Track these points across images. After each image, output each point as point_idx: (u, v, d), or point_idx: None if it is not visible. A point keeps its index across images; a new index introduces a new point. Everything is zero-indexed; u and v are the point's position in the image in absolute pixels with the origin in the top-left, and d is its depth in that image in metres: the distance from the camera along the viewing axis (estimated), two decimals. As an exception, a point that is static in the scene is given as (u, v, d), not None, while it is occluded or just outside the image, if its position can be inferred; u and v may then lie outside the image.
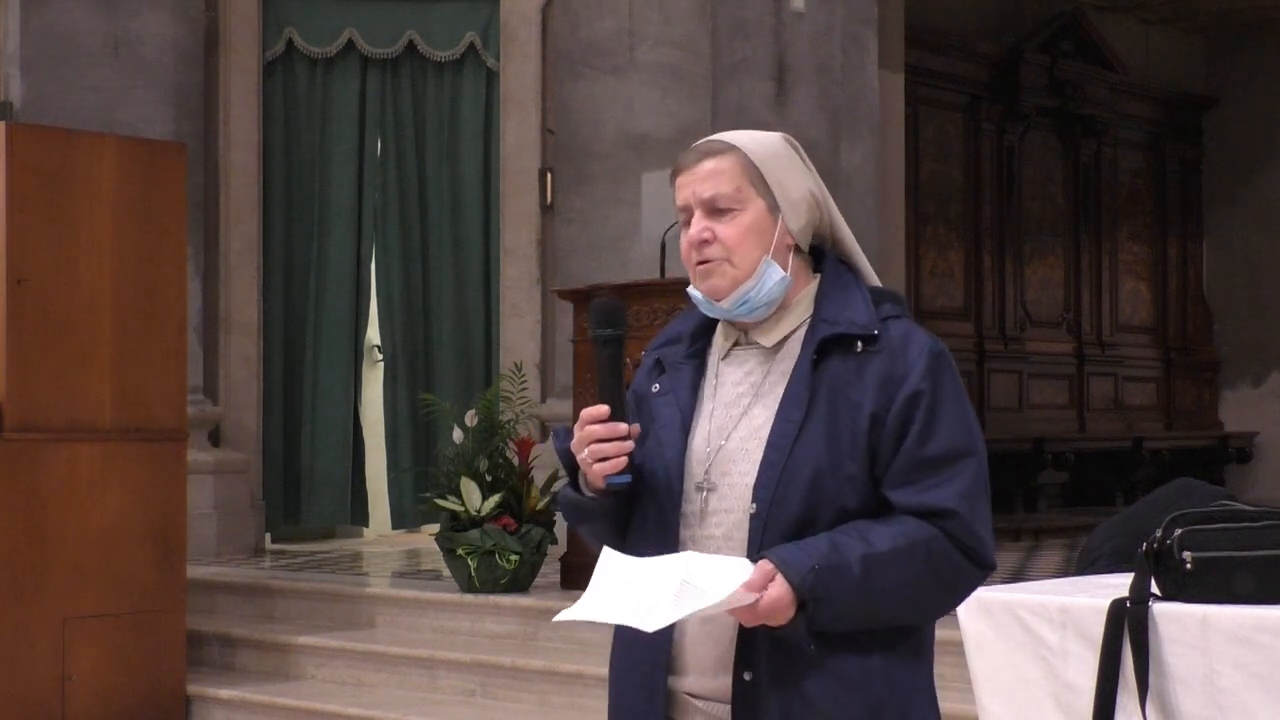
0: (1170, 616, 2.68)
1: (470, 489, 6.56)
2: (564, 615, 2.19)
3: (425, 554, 8.32)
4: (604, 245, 7.80)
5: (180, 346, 6.41)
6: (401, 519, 8.86)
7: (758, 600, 2.12)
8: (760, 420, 2.27)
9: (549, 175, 8.55)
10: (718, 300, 2.29)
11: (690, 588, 2.12)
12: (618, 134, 7.82)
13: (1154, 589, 2.72)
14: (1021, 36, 12.25)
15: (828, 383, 2.24)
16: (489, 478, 6.63)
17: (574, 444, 2.29)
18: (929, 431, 2.21)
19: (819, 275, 2.34)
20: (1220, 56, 14.00)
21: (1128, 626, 2.69)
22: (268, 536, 8.92)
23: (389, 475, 8.89)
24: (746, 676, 2.21)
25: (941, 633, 5.45)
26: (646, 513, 2.30)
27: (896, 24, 9.55)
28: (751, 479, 2.24)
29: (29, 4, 8.16)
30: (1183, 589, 2.68)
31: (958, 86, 11.79)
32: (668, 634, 2.24)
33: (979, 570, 2.25)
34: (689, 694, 2.29)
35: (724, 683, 2.24)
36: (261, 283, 8.79)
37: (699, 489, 2.28)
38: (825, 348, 2.25)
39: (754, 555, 2.19)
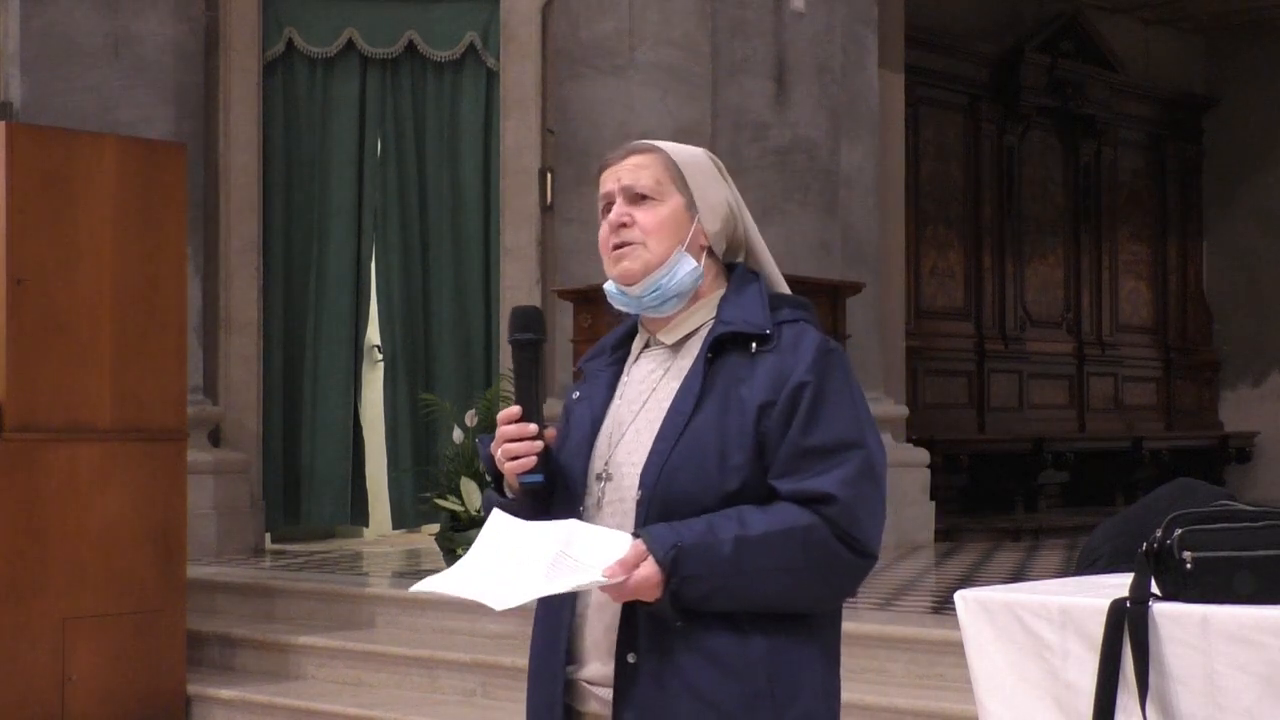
0: (1170, 616, 2.68)
1: (470, 489, 6.56)
2: (419, 586, 2.29)
3: (425, 554, 8.32)
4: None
5: (180, 346, 6.41)
6: (401, 519, 8.86)
7: (626, 579, 2.20)
8: (654, 414, 2.38)
9: (549, 175, 8.55)
10: (629, 285, 2.40)
11: (566, 560, 2.20)
12: (618, 134, 7.81)
13: (1154, 589, 2.71)
14: (1021, 36, 12.26)
15: (721, 378, 2.34)
16: (489, 478, 6.63)
17: (492, 445, 2.41)
18: (813, 422, 2.28)
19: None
20: (1220, 56, 14.00)
21: (1128, 626, 2.69)
22: (268, 536, 8.92)
23: (389, 475, 8.89)
24: (630, 659, 2.29)
25: (941, 633, 5.43)
26: (558, 506, 2.40)
27: (896, 24, 9.55)
28: (640, 468, 2.33)
29: (29, 4, 8.17)
30: (1183, 589, 2.68)
31: (958, 86, 11.80)
32: (567, 624, 2.35)
33: (858, 559, 2.29)
34: (586, 681, 2.36)
35: (612, 668, 2.31)
36: (261, 283, 8.79)
37: (598, 479, 2.40)
38: (721, 346, 2.36)
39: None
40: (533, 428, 2.35)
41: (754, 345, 2.34)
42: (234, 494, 8.57)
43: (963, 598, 2.98)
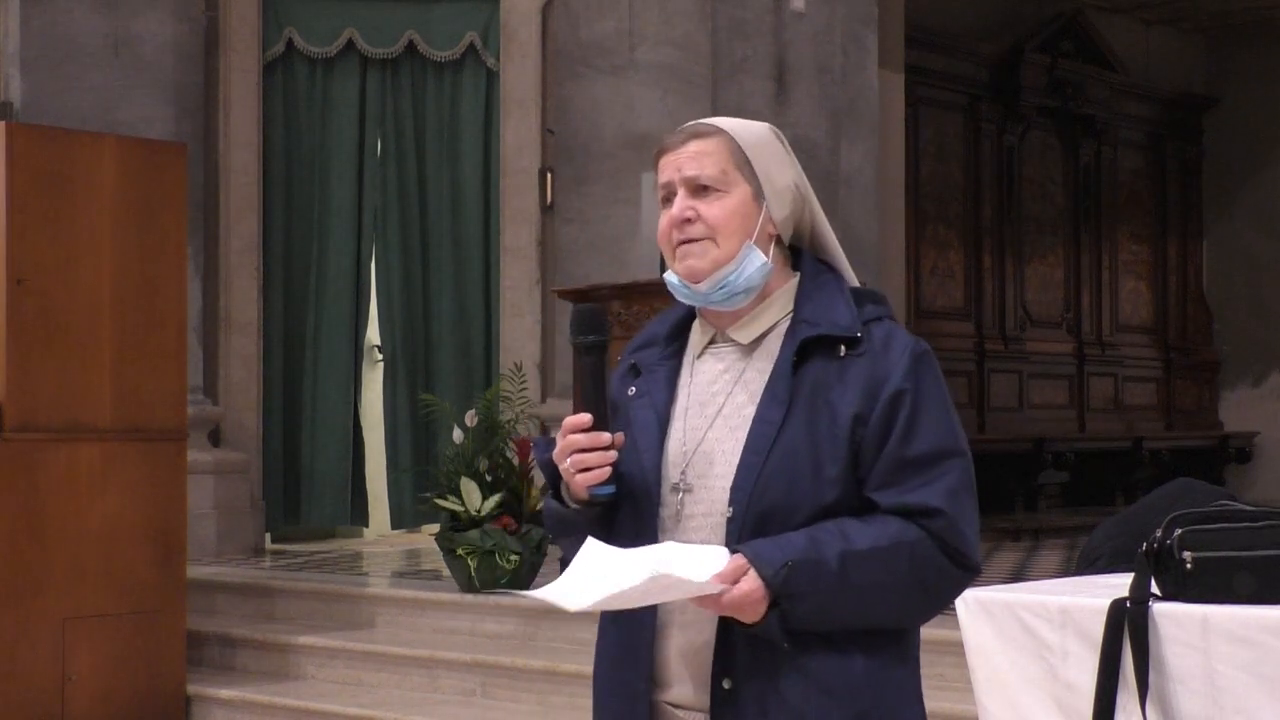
0: (1170, 616, 2.68)
1: (470, 489, 6.56)
2: (535, 592, 2.14)
3: (425, 554, 8.31)
4: (604, 245, 7.80)
5: (180, 346, 6.41)
6: (401, 519, 8.86)
7: (724, 591, 2.08)
8: (736, 420, 2.22)
9: (549, 175, 8.55)
10: (695, 283, 2.24)
11: (664, 576, 2.08)
12: (618, 134, 7.82)
13: (1154, 589, 2.72)
14: (1021, 36, 12.26)
15: (809, 384, 2.19)
16: (489, 478, 6.63)
17: (556, 454, 2.23)
18: (912, 432, 2.16)
19: (798, 273, 2.30)
20: (1220, 56, 14.00)
21: (1128, 626, 2.69)
22: (268, 536, 8.92)
23: (389, 475, 8.88)
24: (726, 684, 2.17)
25: (942, 633, 5.43)
26: (624, 518, 2.24)
27: (896, 24, 9.55)
28: (728, 481, 2.19)
29: (29, 4, 8.16)
30: (1183, 589, 2.68)
31: (958, 86, 11.79)
32: (649, 644, 2.21)
33: (963, 573, 2.19)
34: (671, 704, 2.24)
35: (705, 693, 2.19)
36: (261, 283, 8.79)
37: (675, 491, 2.24)
38: (806, 349, 2.21)
39: None
40: (606, 437, 2.19)
41: (842, 349, 2.19)
42: (234, 494, 8.56)
43: (963, 598, 2.99)
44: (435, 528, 6.96)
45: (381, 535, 9.37)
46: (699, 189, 2.24)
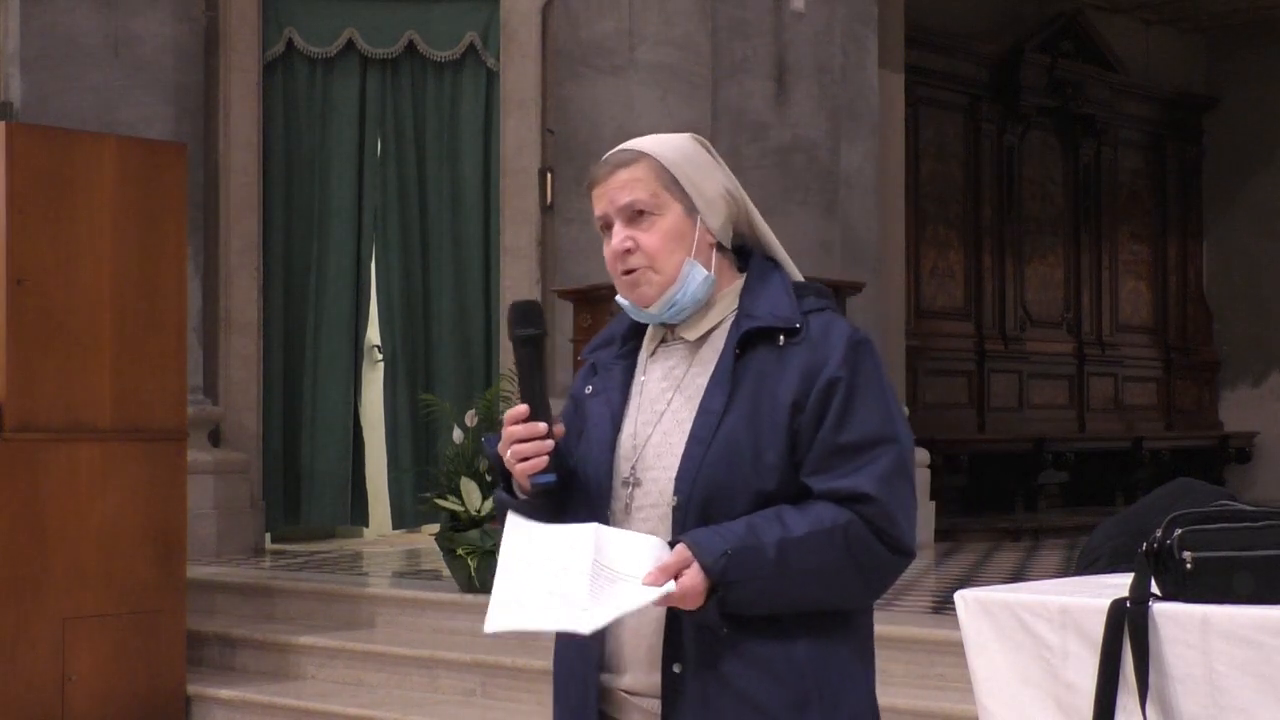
0: (1170, 616, 2.67)
1: (470, 489, 6.56)
2: (491, 626, 2.20)
3: (425, 554, 8.32)
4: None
5: (180, 346, 6.41)
6: (401, 519, 8.86)
7: (673, 587, 2.15)
8: (683, 414, 2.30)
9: (549, 175, 8.55)
10: (646, 307, 2.34)
11: (603, 571, 2.14)
12: (618, 134, 7.78)
13: (1154, 589, 2.71)
14: (1021, 36, 12.26)
15: (751, 374, 2.27)
16: (489, 478, 6.63)
17: (500, 445, 2.32)
18: (846, 419, 2.23)
19: (744, 273, 2.38)
20: (1220, 56, 14.00)
21: (1128, 626, 2.68)
22: (268, 536, 8.92)
23: (389, 475, 8.89)
24: (676, 669, 2.24)
25: (941, 633, 5.42)
26: (579, 512, 2.31)
27: (896, 24, 9.55)
28: (673, 472, 2.27)
29: (29, 4, 8.16)
30: (1183, 589, 2.68)
31: (958, 86, 11.80)
32: (601, 631, 2.25)
33: (896, 557, 2.26)
34: (625, 691, 2.30)
35: (656, 678, 2.26)
36: (261, 283, 8.79)
37: (625, 485, 2.32)
38: (748, 341, 2.29)
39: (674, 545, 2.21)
40: (542, 427, 2.26)
41: (782, 338, 2.27)
42: (234, 494, 8.56)
43: (963, 598, 2.98)
44: (435, 528, 6.96)
45: (381, 535, 9.37)
46: (635, 215, 2.32)
